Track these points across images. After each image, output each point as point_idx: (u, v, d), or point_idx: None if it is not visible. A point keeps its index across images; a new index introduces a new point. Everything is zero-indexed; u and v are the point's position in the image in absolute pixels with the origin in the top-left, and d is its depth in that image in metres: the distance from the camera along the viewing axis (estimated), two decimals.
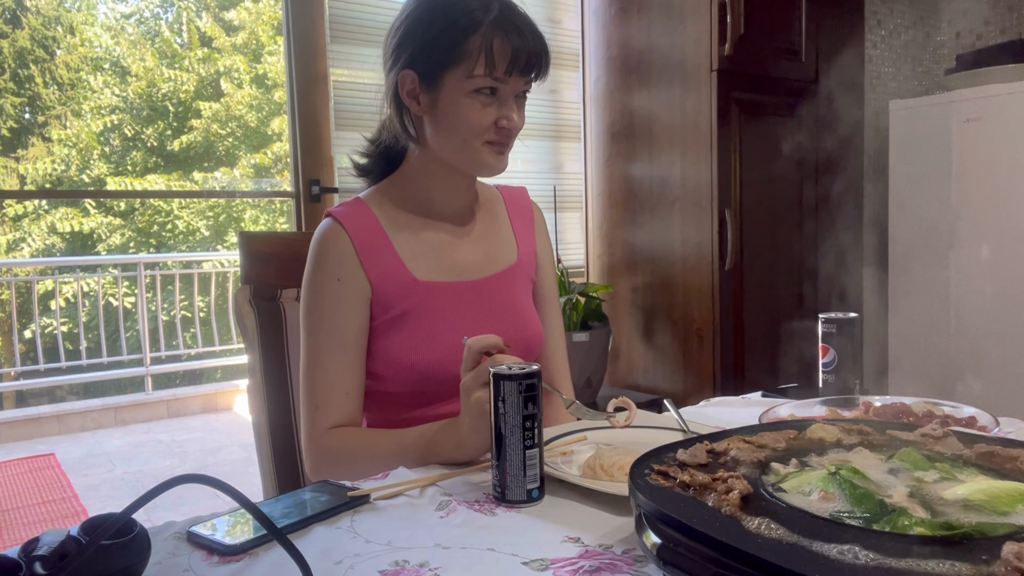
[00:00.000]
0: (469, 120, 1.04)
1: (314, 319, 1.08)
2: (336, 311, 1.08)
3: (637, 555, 0.69)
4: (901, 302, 3.09)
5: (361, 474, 0.95)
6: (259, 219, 9.81)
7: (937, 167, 2.92)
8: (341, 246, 1.09)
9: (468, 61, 1.02)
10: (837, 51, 2.67)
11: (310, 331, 1.08)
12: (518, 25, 1.03)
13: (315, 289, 1.09)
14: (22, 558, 0.59)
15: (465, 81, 1.03)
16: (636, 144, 2.61)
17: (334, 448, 1.05)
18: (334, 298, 1.08)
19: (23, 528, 3.36)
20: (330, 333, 1.07)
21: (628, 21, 2.61)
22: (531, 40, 1.04)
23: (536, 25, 1.07)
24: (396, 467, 0.96)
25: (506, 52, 1.02)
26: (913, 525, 0.56)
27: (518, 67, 1.03)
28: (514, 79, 1.04)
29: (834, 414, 1.03)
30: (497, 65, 1.02)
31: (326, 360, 1.07)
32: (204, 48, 9.98)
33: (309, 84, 2.25)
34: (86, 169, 9.47)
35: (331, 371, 1.06)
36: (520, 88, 1.07)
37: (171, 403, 5.57)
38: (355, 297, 1.09)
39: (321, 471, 1.05)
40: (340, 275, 1.08)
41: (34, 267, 7.80)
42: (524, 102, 1.10)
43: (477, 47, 1.01)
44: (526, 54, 1.03)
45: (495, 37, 1.01)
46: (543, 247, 1.28)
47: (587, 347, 2.34)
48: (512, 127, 1.06)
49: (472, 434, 0.92)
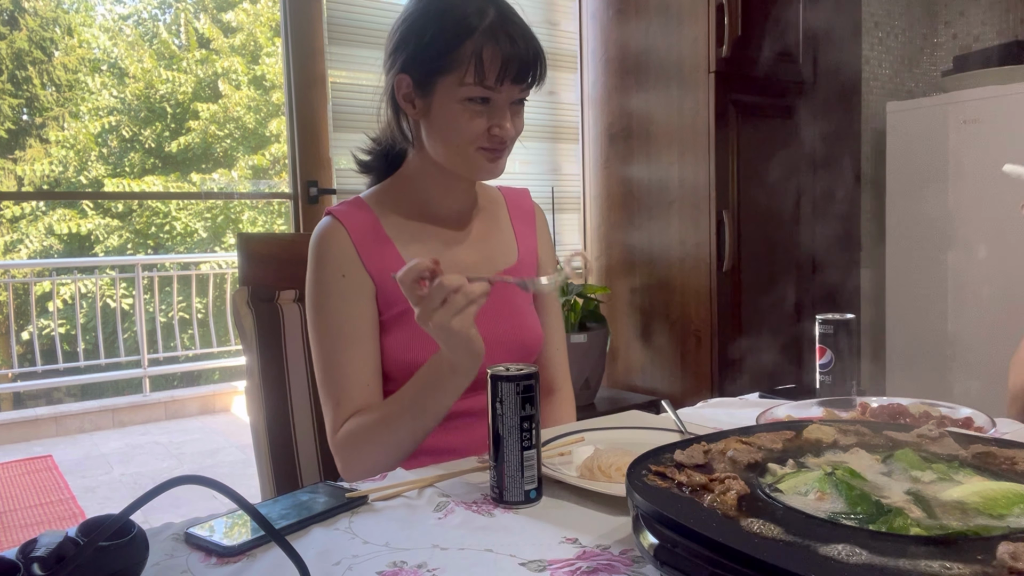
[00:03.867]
0: (460, 128, 1.03)
1: (323, 317, 1.07)
2: (344, 306, 1.07)
3: (634, 556, 0.69)
4: (898, 303, 3.10)
5: (384, 450, 0.97)
6: (257, 220, 9.80)
7: (934, 169, 2.93)
8: (342, 244, 1.09)
9: (459, 69, 1.01)
10: (834, 53, 2.67)
11: (320, 330, 1.07)
12: (511, 32, 1.01)
13: (320, 288, 1.08)
14: (20, 559, 0.59)
15: (456, 89, 1.02)
16: (634, 146, 2.61)
17: (352, 431, 1.03)
18: (340, 294, 1.07)
19: (21, 530, 3.36)
20: (341, 329, 1.06)
21: (626, 23, 2.61)
22: (523, 47, 1.02)
23: (532, 31, 1.05)
24: (415, 429, 0.98)
25: (497, 60, 1.00)
26: (909, 525, 0.56)
27: (509, 75, 1.01)
28: (506, 87, 1.03)
29: (831, 415, 1.03)
30: (487, 74, 1.01)
31: (340, 356, 1.05)
32: (202, 49, 9.97)
33: (307, 85, 2.25)
34: (84, 170, 9.45)
35: (347, 366, 1.05)
36: (514, 96, 1.05)
37: (169, 405, 5.56)
38: (361, 292, 1.08)
39: (348, 459, 1.04)
40: (344, 271, 1.08)
41: (31, 268, 7.78)
42: (521, 108, 1.08)
43: (468, 54, 1.00)
44: (518, 62, 1.01)
45: (486, 45, 1.00)
46: (544, 248, 1.28)
47: (585, 348, 2.34)
48: (505, 135, 1.05)
49: (456, 352, 0.93)
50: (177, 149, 9.67)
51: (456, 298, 0.89)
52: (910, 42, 3.43)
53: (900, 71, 3.40)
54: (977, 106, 2.80)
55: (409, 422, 0.98)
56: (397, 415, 1.00)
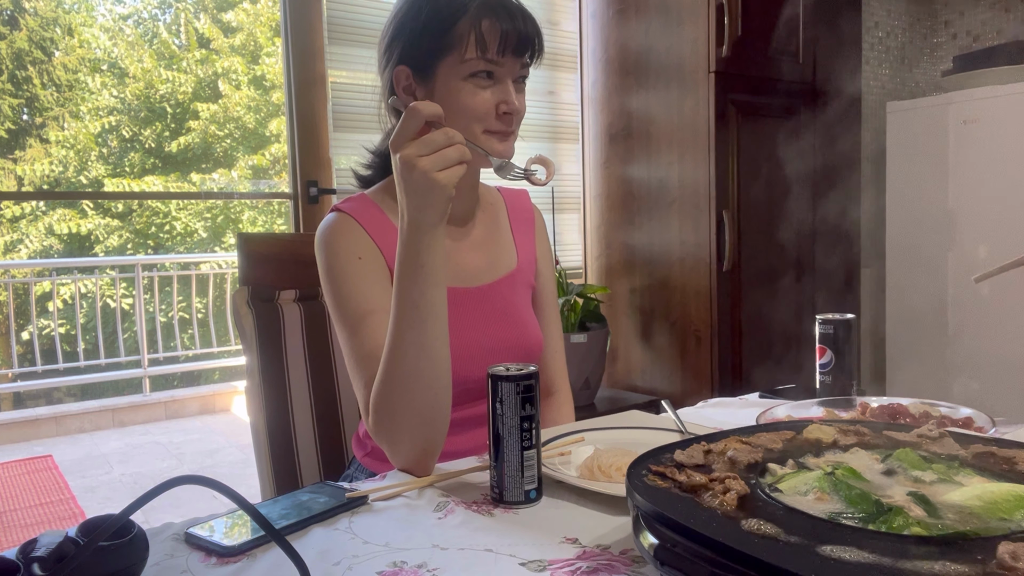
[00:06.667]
0: (467, 106, 1.02)
1: (342, 300, 1.02)
2: (363, 285, 1.02)
3: (634, 556, 0.69)
4: (898, 303, 3.10)
5: (408, 393, 0.89)
6: (257, 220, 9.80)
7: (934, 168, 2.93)
8: (354, 231, 1.06)
9: (459, 46, 1.00)
10: (835, 53, 2.67)
11: (342, 313, 1.02)
12: (506, 6, 1.02)
13: (336, 273, 1.04)
14: (20, 559, 0.59)
15: (459, 67, 1.01)
16: (634, 146, 2.61)
17: (373, 393, 0.94)
18: (358, 274, 1.03)
19: (21, 530, 3.36)
20: (363, 305, 1.01)
21: (626, 23, 2.61)
22: (521, 21, 1.02)
23: (525, 7, 1.05)
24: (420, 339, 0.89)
25: (496, 32, 1.00)
26: (909, 525, 0.56)
27: (510, 47, 1.01)
28: (508, 60, 1.02)
29: (831, 415, 1.03)
30: (488, 46, 1.00)
31: (365, 335, 0.99)
32: (202, 49, 9.97)
33: (307, 85, 2.25)
34: (84, 170, 9.45)
35: (372, 343, 0.98)
36: (516, 71, 1.04)
37: (169, 404, 5.56)
38: (379, 272, 1.05)
39: (383, 428, 0.94)
40: (360, 254, 1.05)
41: (32, 268, 7.78)
42: (523, 87, 1.07)
43: (466, 30, 1.00)
44: (517, 34, 1.01)
45: (483, 19, 1.00)
46: (543, 252, 1.28)
47: (585, 348, 2.34)
48: (513, 111, 1.03)
49: (425, 202, 0.87)
50: (177, 149, 9.67)
51: (450, 151, 0.86)
52: (910, 42, 3.43)
53: (900, 71, 3.40)
54: (977, 106, 2.80)
55: (408, 332, 0.90)
56: (395, 333, 0.91)
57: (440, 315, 0.91)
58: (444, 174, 0.85)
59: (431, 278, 0.90)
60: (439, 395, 0.92)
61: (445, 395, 0.93)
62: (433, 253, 0.89)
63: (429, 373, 0.91)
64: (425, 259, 0.89)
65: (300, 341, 1.29)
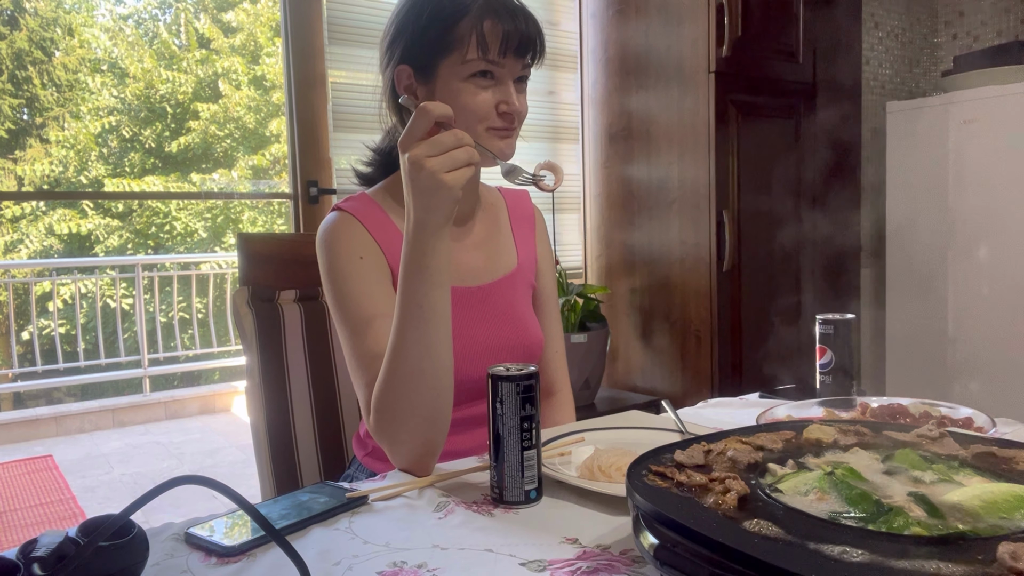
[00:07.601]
0: (468, 106, 1.02)
1: (344, 300, 1.02)
2: (365, 285, 1.02)
3: (635, 556, 0.69)
4: (898, 303, 3.10)
5: (409, 393, 0.89)
6: (257, 220, 9.80)
7: (934, 169, 2.93)
8: (356, 231, 1.06)
9: (460, 46, 1.01)
10: (835, 53, 2.67)
11: (345, 312, 1.01)
12: (508, 6, 1.02)
13: (337, 273, 1.03)
14: (20, 559, 0.59)
15: (460, 67, 1.01)
16: (634, 146, 2.61)
17: (375, 392, 0.94)
18: (360, 274, 1.03)
19: (21, 530, 3.36)
20: (365, 305, 1.01)
21: (626, 23, 2.61)
22: (523, 21, 1.02)
23: (527, 8, 1.05)
24: (423, 339, 0.89)
25: (497, 33, 1.00)
26: (909, 525, 0.56)
27: (511, 48, 1.01)
28: (509, 61, 1.02)
29: (831, 415, 1.03)
30: (490, 47, 1.00)
31: (366, 335, 0.99)
32: (202, 49, 9.97)
33: (307, 86, 2.25)
34: (84, 170, 9.46)
35: (374, 344, 0.98)
36: (517, 71, 1.04)
37: (169, 405, 5.56)
38: (381, 273, 1.05)
39: (384, 428, 0.93)
40: (361, 254, 1.04)
41: (32, 268, 7.78)
42: (524, 88, 1.07)
43: (468, 31, 1.00)
44: (518, 35, 1.01)
45: (485, 19, 1.00)
46: (543, 252, 1.28)
47: (585, 348, 2.34)
48: (514, 111, 1.03)
49: (432, 203, 0.86)
50: (177, 149, 9.67)
51: (459, 153, 0.86)
52: (910, 42, 3.43)
53: (900, 71, 3.40)
54: (977, 106, 2.80)
55: (412, 333, 0.89)
56: (398, 333, 0.91)
57: (444, 316, 0.91)
58: (452, 176, 0.85)
59: (435, 279, 0.90)
60: (441, 395, 0.92)
61: (447, 395, 0.93)
62: (438, 254, 0.89)
63: (432, 373, 0.91)
64: (430, 260, 0.89)
65: (300, 341, 1.29)
